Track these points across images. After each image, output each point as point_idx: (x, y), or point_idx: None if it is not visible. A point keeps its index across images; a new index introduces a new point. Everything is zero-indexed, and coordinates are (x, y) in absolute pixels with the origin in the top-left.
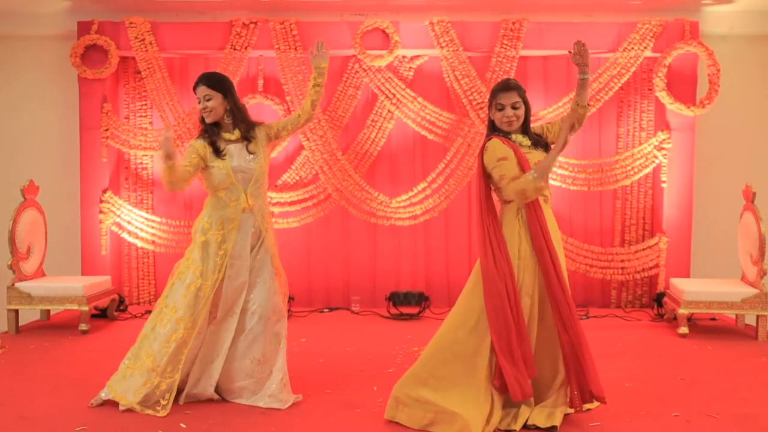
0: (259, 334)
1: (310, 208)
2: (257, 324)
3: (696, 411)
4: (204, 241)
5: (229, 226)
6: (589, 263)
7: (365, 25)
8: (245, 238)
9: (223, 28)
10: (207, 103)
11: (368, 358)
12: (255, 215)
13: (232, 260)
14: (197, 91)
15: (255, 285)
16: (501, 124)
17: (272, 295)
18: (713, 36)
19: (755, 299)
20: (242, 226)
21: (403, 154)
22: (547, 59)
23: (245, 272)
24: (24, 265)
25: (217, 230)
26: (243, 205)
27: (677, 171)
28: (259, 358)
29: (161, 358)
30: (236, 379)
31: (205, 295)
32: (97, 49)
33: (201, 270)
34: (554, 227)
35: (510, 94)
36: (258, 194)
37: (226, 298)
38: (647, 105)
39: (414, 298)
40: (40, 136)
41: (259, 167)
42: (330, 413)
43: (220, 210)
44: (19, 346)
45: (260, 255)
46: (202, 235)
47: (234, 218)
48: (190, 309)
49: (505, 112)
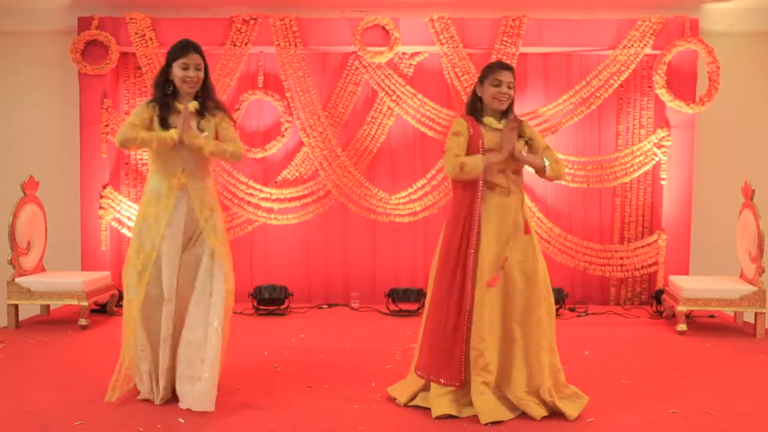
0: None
1: (309, 204)
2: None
3: (693, 408)
4: (143, 216)
5: (164, 202)
6: (589, 260)
7: (365, 22)
8: (178, 219)
9: (224, 24)
10: (198, 73)
11: (367, 354)
12: (191, 197)
13: (165, 240)
14: (188, 58)
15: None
16: (493, 99)
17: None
18: (713, 33)
19: (754, 296)
20: (176, 206)
21: (403, 150)
22: (547, 56)
23: (176, 259)
24: (24, 260)
25: (154, 206)
26: (177, 182)
27: (677, 168)
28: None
29: (126, 339)
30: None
31: (143, 271)
32: (97, 45)
33: (136, 247)
34: (511, 220)
35: (509, 73)
36: (197, 175)
37: (166, 284)
38: (647, 102)
39: (413, 295)
40: (41, 132)
41: (204, 141)
42: (328, 408)
43: (158, 183)
44: (18, 341)
45: (195, 251)
46: (143, 208)
47: (169, 195)
48: (133, 288)
49: (500, 89)
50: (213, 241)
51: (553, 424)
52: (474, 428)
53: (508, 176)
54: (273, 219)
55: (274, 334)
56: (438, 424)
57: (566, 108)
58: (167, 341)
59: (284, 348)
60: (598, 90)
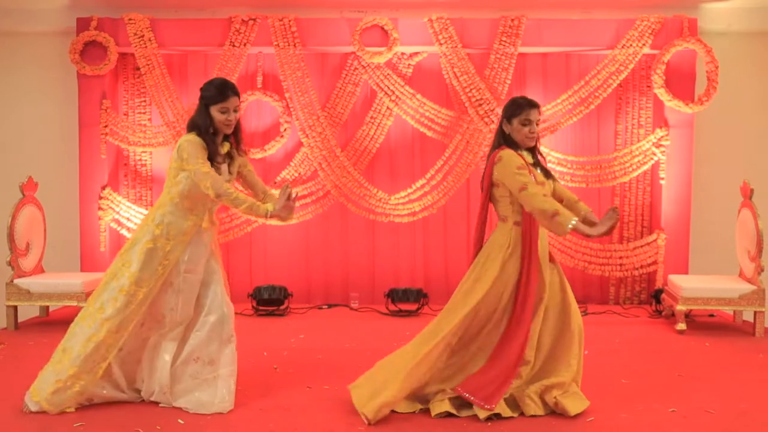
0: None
1: (309, 204)
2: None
3: (693, 407)
4: (151, 248)
5: (180, 238)
6: (588, 260)
7: (364, 22)
8: (200, 254)
9: (222, 25)
10: (236, 114)
11: (367, 354)
12: (212, 233)
13: (187, 275)
14: (229, 102)
15: (209, 284)
16: (524, 139)
17: (225, 294)
18: (712, 33)
19: (753, 295)
20: (196, 242)
21: (402, 150)
22: (546, 56)
23: (196, 290)
24: (23, 261)
25: (167, 240)
26: (205, 224)
27: (675, 168)
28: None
29: (77, 357)
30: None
31: (137, 301)
32: (96, 46)
33: (137, 277)
34: (545, 250)
35: (536, 111)
36: (215, 215)
37: (182, 313)
38: (646, 102)
39: (413, 295)
40: (39, 133)
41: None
42: (328, 409)
43: (179, 220)
44: (18, 343)
45: (209, 267)
46: (151, 241)
47: (189, 232)
48: (118, 313)
49: (531, 128)
50: (219, 258)
51: (554, 423)
52: (475, 427)
53: None
54: None
55: (274, 335)
56: (438, 424)
57: (565, 108)
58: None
59: (284, 348)
60: (596, 90)
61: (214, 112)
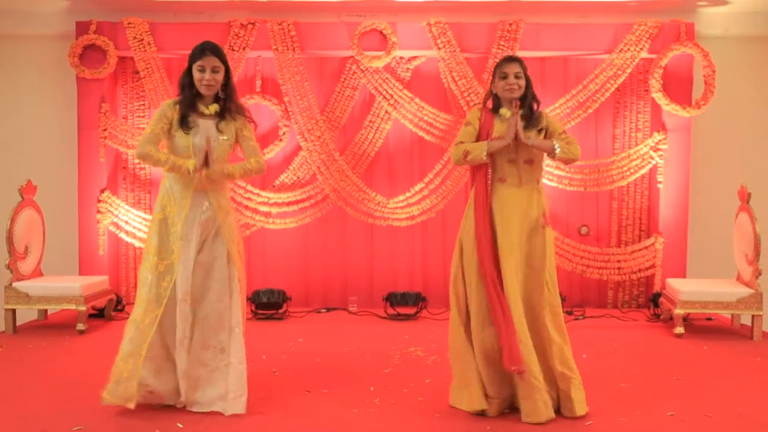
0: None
1: (307, 208)
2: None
3: (691, 410)
4: (161, 218)
5: (182, 202)
6: (586, 263)
7: (363, 26)
8: (194, 219)
9: (222, 29)
10: (215, 75)
11: (365, 358)
12: (209, 197)
13: (180, 240)
14: (204, 60)
15: (207, 290)
16: (503, 91)
17: (220, 305)
18: (708, 37)
19: (750, 299)
20: (193, 206)
21: (401, 154)
22: (544, 60)
23: (191, 259)
24: (21, 264)
25: (173, 206)
26: (195, 185)
27: (673, 172)
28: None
29: (124, 343)
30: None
31: (164, 274)
32: (95, 49)
33: (157, 249)
34: (524, 211)
35: (513, 65)
36: (215, 178)
37: (181, 284)
38: (643, 106)
39: (411, 299)
40: (38, 136)
41: (222, 149)
42: (327, 413)
43: (176, 184)
44: (16, 346)
45: (214, 249)
46: (160, 212)
47: (186, 195)
48: (150, 290)
49: (507, 80)
50: (229, 243)
51: (552, 427)
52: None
53: (519, 166)
54: (271, 223)
55: (273, 339)
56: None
57: (563, 112)
58: (183, 343)
59: (283, 352)
60: (594, 94)
61: (193, 71)
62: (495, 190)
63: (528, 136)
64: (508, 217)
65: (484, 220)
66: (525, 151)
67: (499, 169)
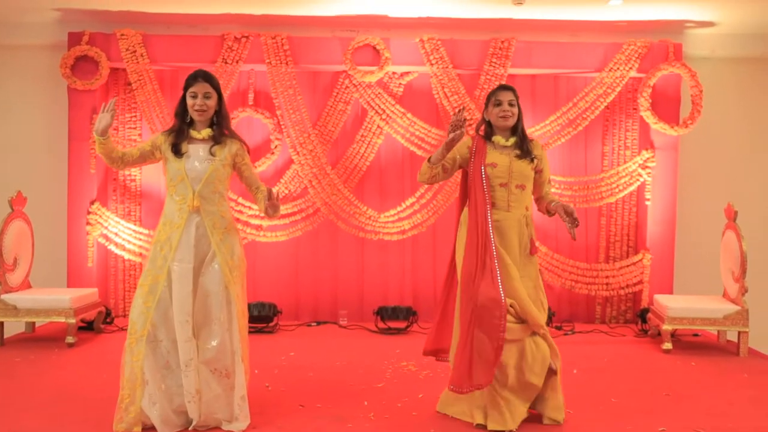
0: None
1: (298, 221)
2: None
3: (681, 426)
4: (155, 240)
5: (175, 224)
6: (575, 279)
7: (356, 41)
8: (189, 241)
9: (215, 42)
10: (206, 101)
11: (358, 372)
12: (203, 219)
13: (177, 263)
14: (196, 86)
15: (209, 314)
16: (497, 119)
17: (221, 329)
18: (696, 58)
19: (737, 315)
20: (187, 228)
21: (392, 169)
22: (535, 77)
23: (188, 281)
24: (10, 276)
25: (167, 228)
26: (189, 205)
27: (661, 189)
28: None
29: (128, 367)
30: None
31: (152, 290)
32: (87, 60)
33: (147, 268)
34: (515, 238)
35: (507, 92)
36: (210, 198)
37: (179, 305)
38: (632, 124)
39: (402, 313)
40: (29, 146)
41: (214, 169)
42: (321, 427)
43: (172, 208)
44: (4, 359)
45: (212, 272)
46: (157, 232)
47: (180, 216)
48: (138, 309)
49: (502, 107)
50: (224, 266)
51: None
52: None
53: (509, 191)
54: (262, 236)
55: (264, 352)
56: None
57: (553, 129)
58: (190, 365)
59: (274, 366)
60: (584, 111)
61: (186, 98)
62: (492, 214)
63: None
64: (503, 244)
65: (487, 247)
66: (518, 175)
67: (491, 194)
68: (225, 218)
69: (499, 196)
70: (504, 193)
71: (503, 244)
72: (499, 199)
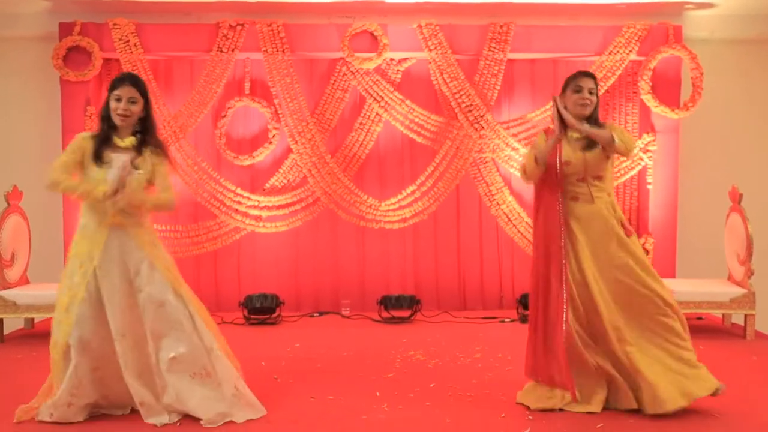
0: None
1: (298, 211)
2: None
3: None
4: (73, 254)
5: (96, 238)
6: None
7: (353, 28)
8: (111, 258)
9: (210, 30)
10: (131, 106)
11: (366, 362)
12: (130, 235)
13: (102, 279)
14: (121, 90)
15: (168, 323)
16: (575, 105)
17: (185, 333)
18: (696, 40)
19: (743, 299)
20: (108, 243)
21: (392, 157)
22: (534, 62)
23: (117, 294)
24: (8, 272)
25: (86, 243)
26: (109, 220)
27: (662, 172)
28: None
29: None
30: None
31: (69, 308)
32: (79, 51)
33: (65, 284)
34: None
35: (589, 80)
36: (131, 212)
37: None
38: (632, 108)
39: (405, 302)
40: (21, 140)
41: (137, 184)
42: (336, 420)
43: (91, 220)
44: (5, 356)
45: (156, 281)
46: (73, 247)
47: (101, 232)
48: (57, 327)
49: (582, 94)
50: (165, 270)
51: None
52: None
53: (589, 183)
54: (261, 227)
55: (268, 344)
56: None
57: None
58: (139, 380)
59: (281, 358)
60: None
61: (110, 101)
62: (570, 209)
63: (573, 121)
64: (589, 235)
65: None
66: (593, 167)
67: (570, 189)
68: (150, 231)
69: (580, 191)
70: (584, 187)
71: (590, 237)
72: (581, 193)
